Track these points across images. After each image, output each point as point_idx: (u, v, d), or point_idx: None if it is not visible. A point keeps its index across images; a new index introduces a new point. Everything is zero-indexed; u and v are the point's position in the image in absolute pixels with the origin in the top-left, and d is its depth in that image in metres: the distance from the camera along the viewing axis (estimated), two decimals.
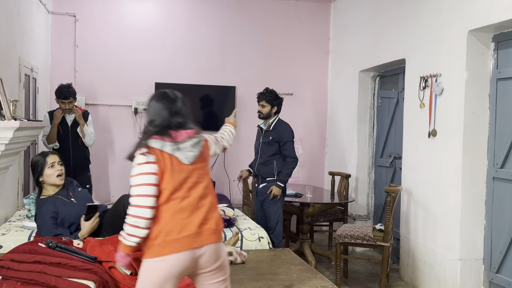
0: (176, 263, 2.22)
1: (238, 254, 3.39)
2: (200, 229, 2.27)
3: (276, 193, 4.68)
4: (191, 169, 2.31)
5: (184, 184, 2.29)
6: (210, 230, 2.30)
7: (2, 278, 2.67)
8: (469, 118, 4.10)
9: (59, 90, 4.88)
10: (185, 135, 2.33)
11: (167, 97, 2.42)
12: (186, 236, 2.23)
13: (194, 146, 2.33)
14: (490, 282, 4.08)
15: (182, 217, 2.26)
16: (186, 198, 2.28)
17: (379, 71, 6.02)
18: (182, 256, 2.22)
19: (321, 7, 7.02)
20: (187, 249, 2.23)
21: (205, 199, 2.34)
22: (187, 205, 2.28)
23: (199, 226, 2.27)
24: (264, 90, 4.85)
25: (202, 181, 2.35)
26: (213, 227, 2.32)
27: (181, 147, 2.29)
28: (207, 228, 2.30)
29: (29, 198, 4.19)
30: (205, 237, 2.28)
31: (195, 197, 2.31)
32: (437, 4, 4.49)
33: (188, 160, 2.30)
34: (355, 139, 6.19)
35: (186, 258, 2.23)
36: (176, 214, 2.25)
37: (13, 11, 4.44)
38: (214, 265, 2.32)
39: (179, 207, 2.26)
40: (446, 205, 4.30)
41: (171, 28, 6.59)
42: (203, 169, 2.38)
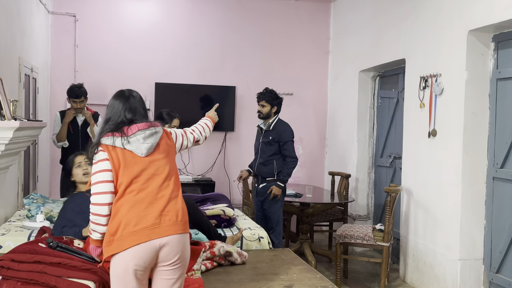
0: (135, 255, 2.22)
1: (238, 254, 3.36)
2: (158, 220, 2.26)
3: (276, 193, 4.68)
4: (147, 161, 2.32)
5: (139, 177, 2.29)
6: (170, 221, 2.28)
7: (2, 278, 2.67)
8: (469, 118, 4.10)
9: (71, 90, 5.00)
10: (136, 128, 2.34)
11: (122, 95, 2.45)
12: (143, 228, 2.23)
13: (146, 138, 2.33)
14: (490, 282, 4.08)
15: (139, 209, 2.26)
16: (142, 190, 2.28)
17: (379, 71, 6.02)
18: (140, 248, 2.21)
19: (321, 7, 7.02)
20: (145, 241, 2.22)
21: (165, 190, 2.33)
22: (144, 197, 2.27)
23: (157, 217, 2.26)
24: (263, 90, 4.85)
25: (161, 173, 2.34)
26: (173, 218, 2.30)
27: (131, 140, 2.31)
28: (167, 219, 2.28)
29: (29, 198, 4.19)
30: (165, 228, 2.26)
31: (153, 188, 2.30)
32: (437, 4, 4.49)
33: (141, 152, 2.31)
34: (355, 139, 6.19)
35: (144, 250, 2.22)
36: (132, 207, 2.26)
37: (13, 11, 4.44)
38: (175, 257, 2.29)
39: (136, 200, 2.27)
40: (446, 205, 4.30)
41: (171, 28, 6.59)
42: (162, 160, 2.37)
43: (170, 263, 2.30)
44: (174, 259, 2.30)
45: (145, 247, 2.23)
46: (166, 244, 2.26)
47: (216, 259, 3.29)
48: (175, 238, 2.28)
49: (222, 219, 4.01)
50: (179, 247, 2.30)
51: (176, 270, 2.33)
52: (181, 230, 2.31)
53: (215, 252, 3.27)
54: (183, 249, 2.33)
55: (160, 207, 2.29)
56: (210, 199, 4.78)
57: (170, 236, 2.27)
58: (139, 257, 2.23)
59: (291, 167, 4.75)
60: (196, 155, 6.65)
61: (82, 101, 5.02)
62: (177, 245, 2.29)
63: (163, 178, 2.34)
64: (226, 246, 3.34)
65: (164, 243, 2.25)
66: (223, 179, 6.73)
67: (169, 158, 2.41)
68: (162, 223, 2.27)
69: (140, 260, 2.23)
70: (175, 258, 2.30)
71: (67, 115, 4.99)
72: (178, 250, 2.30)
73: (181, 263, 2.35)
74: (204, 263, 3.21)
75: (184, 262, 2.36)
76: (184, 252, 2.34)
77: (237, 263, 3.34)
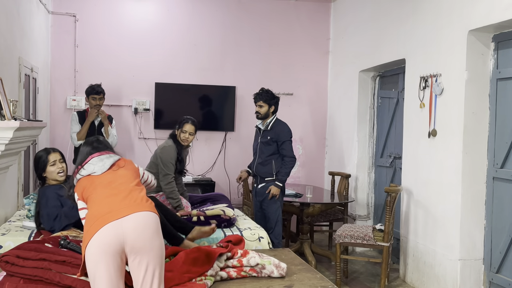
0: (101, 238, 2.36)
1: (275, 267, 3.07)
2: (122, 205, 2.48)
3: (275, 192, 4.68)
4: (106, 174, 2.70)
5: (101, 186, 2.63)
6: (134, 203, 2.50)
7: (6, 275, 2.68)
8: (469, 118, 4.10)
9: (91, 87, 5.26)
10: (90, 157, 2.79)
11: (88, 141, 2.94)
12: (108, 212, 2.44)
13: (102, 160, 2.76)
14: (490, 282, 4.08)
15: (104, 205, 2.50)
16: (107, 191, 2.59)
17: (379, 71, 6.02)
18: (104, 229, 2.37)
19: (321, 7, 7.02)
20: (109, 222, 2.39)
21: (124, 187, 2.62)
22: (108, 195, 2.56)
23: (121, 202, 2.50)
24: (259, 90, 4.87)
25: (124, 181, 2.67)
26: (138, 201, 2.52)
27: (85, 167, 2.74)
28: (129, 202, 2.50)
29: (29, 198, 4.19)
30: (128, 208, 2.46)
31: (115, 187, 2.61)
32: (437, 4, 4.49)
33: (97, 171, 2.71)
34: (355, 139, 6.19)
35: (108, 229, 2.37)
36: (98, 207, 2.51)
37: (13, 11, 4.44)
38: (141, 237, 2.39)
39: (99, 202, 2.54)
40: (446, 205, 4.30)
41: (171, 28, 6.59)
42: (121, 170, 2.75)
43: (136, 246, 2.39)
44: (138, 240, 2.39)
45: (109, 227, 2.38)
46: (130, 220, 2.41)
47: (247, 270, 3.07)
48: (139, 215, 2.44)
49: (222, 219, 4.01)
50: (144, 223, 2.43)
51: (143, 257, 2.40)
52: (145, 208, 2.49)
53: (242, 261, 3.06)
54: (148, 227, 2.44)
55: (123, 196, 2.55)
56: (210, 199, 4.79)
57: (133, 214, 2.43)
58: (105, 239, 2.37)
59: (289, 166, 4.76)
60: (196, 155, 6.65)
61: (101, 98, 5.26)
62: (142, 221, 2.43)
63: (123, 180, 2.67)
64: (259, 258, 3.08)
65: (128, 221, 2.41)
66: (223, 179, 6.73)
67: (129, 170, 2.77)
68: (125, 205, 2.48)
69: (107, 242, 2.37)
70: (139, 239, 2.39)
71: (90, 114, 5.19)
72: (143, 228, 2.41)
73: (144, 248, 2.40)
74: (227, 271, 3.03)
75: (153, 247, 2.43)
76: (151, 232, 2.44)
77: (274, 276, 3.06)
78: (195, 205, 4.66)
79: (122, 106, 6.45)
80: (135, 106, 6.44)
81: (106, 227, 2.37)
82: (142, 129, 6.49)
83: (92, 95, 5.23)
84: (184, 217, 3.97)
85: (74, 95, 6.35)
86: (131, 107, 6.46)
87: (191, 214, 4.01)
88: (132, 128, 6.50)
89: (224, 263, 3.05)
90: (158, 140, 6.38)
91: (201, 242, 3.70)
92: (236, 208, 4.82)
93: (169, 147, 4.39)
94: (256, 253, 3.17)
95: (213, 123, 6.69)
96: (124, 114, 6.47)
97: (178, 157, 4.39)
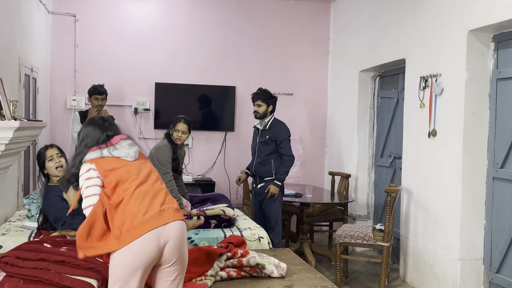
0: (142, 248, 2.27)
1: (274, 267, 3.08)
2: (160, 208, 2.37)
3: (274, 191, 4.69)
4: (137, 163, 2.48)
5: (132, 177, 2.42)
6: (171, 208, 2.41)
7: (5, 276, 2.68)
8: (469, 118, 4.10)
9: (94, 87, 5.35)
10: (119, 138, 2.51)
11: (96, 122, 2.60)
12: (152, 216, 2.33)
13: (131, 146, 2.52)
14: (490, 282, 4.08)
15: (144, 202, 2.36)
16: (141, 186, 2.40)
17: (379, 71, 6.02)
18: (147, 236, 2.27)
19: (321, 7, 7.02)
20: (152, 229, 2.29)
21: (159, 186, 2.48)
22: (144, 191, 2.39)
23: (161, 206, 2.38)
24: (257, 90, 4.90)
25: (151, 173, 2.50)
26: (173, 206, 2.44)
27: (118, 147, 2.47)
28: (166, 207, 2.40)
29: (29, 198, 4.19)
30: (167, 214, 2.37)
31: (149, 184, 2.44)
32: (437, 4, 4.49)
33: (130, 156, 2.47)
34: (355, 139, 6.19)
35: (151, 238, 2.29)
36: (135, 201, 2.35)
37: (13, 11, 4.44)
38: (176, 249, 2.35)
39: (137, 195, 2.36)
40: (446, 205, 4.30)
41: (171, 28, 6.59)
42: (148, 162, 2.57)
43: (172, 257, 2.36)
44: (175, 251, 2.36)
45: (153, 234, 2.29)
46: (170, 228, 2.34)
47: (247, 270, 3.07)
48: (177, 224, 2.39)
49: (222, 219, 4.01)
50: (181, 233, 2.38)
51: (176, 267, 2.39)
52: (180, 218, 2.43)
53: (242, 261, 3.06)
54: (183, 239, 2.41)
55: (161, 199, 2.42)
56: (210, 199, 4.80)
57: (173, 222, 2.36)
58: (147, 247, 2.28)
59: (288, 165, 4.76)
60: (196, 155, 6.65)
61: (104, 99, 5.36)
62: (180, 230, 2.38)
63: (155, 177, 2.51)
64: (259, 258, 3.09)
65: (168, 229, 2.33)
66: (223, 179, 6.73)
67: (150, 165, 2.59)
68: (166, 210, 2.38)
69: (148, 250, 2.29)
70: (176, 250, 2.36)
71: (91, 114, 5.25)
72: (180, 236, 2.37)
73: (179, 258, 2.39)
74: (227, 271, 3.03)
75: (184, 258, 2.42)
76: (185, 243, 2.42)
77: (274, 276, 3.07)
78: (195, 205, 4.66)
79: (122, 106, 6.45)
80: (135, 106, 6.44)
81: (148, 235, 2.26)
82: (142, 129, 6.49)
83: (94, 95, 5.31)
84: (184, 216, 3.97)
85: (74, 95, 6.35)
86: (131, 107, 6.46)
87: (191, 214, 4.01)
88: (132, 128, 6.49)
89: (224, 263, 3.05)
90: (158, 140, 6.37)
91: (201, 242, 3.71)
92: (236, 208, 4.82)
93: (164, 146, 4.42)
94: (256, 253, 3.16)
95: (213, 123, 6.69)
96: (124, 114, 6.47)
97: (173, 156, 4.41)
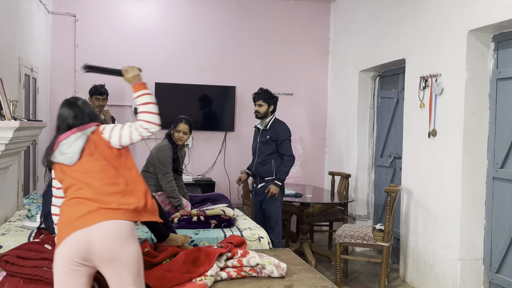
0: (67, 247, 2.24)
1: (274, 267, 3.05)
2: (92, 207, 2.29)
3: (274, 191, 4.69)
4: (77, 167, 2.36)
5: (77, 182, 2.35)
6: (105, 207, 2.28)
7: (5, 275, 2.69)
8: (469, 118, 4.10)
9: (95, 88, 5.37)
10: (64, 136, 2.42)
11: (67, 103, 2.54)
12: (77, 218, 2.26)
13: (70, 146, 2.39)
14: (490, 282, 4.08)
15: (73, 205, 2.32)
16: (80, 190, 2.34)
17: (379, 71, 6.02)
18: (71, 238, 2.24)
19: (321, 7, 7.02)
20: (76, 230, 2.23)
21: (106, 188, 2.34)
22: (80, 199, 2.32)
23: (91, 204, 2.30)
24: (258, 90, 4.90)
25: (96, 173, 2.36)
26: (112, 205, 2.30)
27: (55, 155, 2.41)
28: (100, 207, 2.29)
29: (29, 198, 4.20)
30: (99, 216, 2.26)
31: (90, 191, 2.33)
32: (437, 4, 4.49)
33: (70, 161, 2.37)
34: (355, 139, 6.19)
35: (75, 239, 2.24)
36: (71, 205, 2.33)
37: (13, 11, 4.44)
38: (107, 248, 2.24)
39: (74, 202, 2.33)
40: (446, 205, 4.30)
41: (171, 28, 6.59)
42: (94, 162, 2.38)
43: (103, 256, 2.25)
44: (105, 251, 2.25)
45: (77, 235, 2.24)
46: (98, 229, 2.24)
47: (247, 270, 3.05)
48: (108, 223, 2.26)
49: (222, 219, 4.01)
50: (110, 236, 2.25)
51: (113, 266, 2.27)
52: (113, 217, 2.27)
53: (242, 261, 3.04)
54: (116, 238, 2.26)
55: (97, 200, 2.31)
56: (210, 199, 4.80)
57: (102, 222, 2.25)
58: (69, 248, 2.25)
59: (288, 165, 4.77)
60: (196, 155, 6.65)
61: (105, 99, 5.41)
62: (109, 233, 2.25)
63: (101, 178, 2.36)
64: (259, 258, 3.07)
65: (94, 231, 2.23)
66: (223, 179, 6.73)
67: (103, 156, 2.40)
68: (96, 210, 2.27)
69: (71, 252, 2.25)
70: (106, 250, 2.25)
71: None
72: (109, 240, 2.24)
73: (113, 257, 2.27)
74: (227, 271, 3.01)
75: (117, 258, 2.27)
76: (120, 242, 2.26)
77: (274, 276, 3.05)
78: (195, 205, 4.66)
79: (122, 106, 6.45)
80: (135, 106, 6.39)
81: (71, 236, 2.24)
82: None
83: (95, 96, 5.34)
84: (184, 217, 3.97)
85: (74, 95, 6.34)
86: (131, 107, 6.46)
87: (191, 214, 4.01)
88: None
89: (224, 263, 3.04)
90: (159, 140, 6.36)
91: (201, 242, 3.71)
92: (236, 208, 4.82)
93: (164, 146, 4.42)
94: (256, 253, 3.15)
95: (213, 123, 6.69)
96: (124, 114, 6.46)
97: (173, 156, 4.41)
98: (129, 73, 2.61)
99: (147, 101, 2.49)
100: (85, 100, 2.64)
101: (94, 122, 2.52)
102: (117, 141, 2.44)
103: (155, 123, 2.45)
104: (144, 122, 2.44)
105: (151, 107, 2.48)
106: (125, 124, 2.49)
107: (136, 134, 2.45)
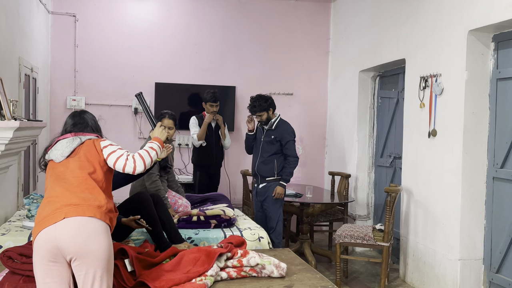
0: (37, 242, 2.37)
1: (274, 267, 3.05)
2: (60, 204, 2.42)
3: (280, 192, 4.69)
4: (64, 163, 2.57)
5: (56, 180, 2.54)
6: (71, 204, 2.41)
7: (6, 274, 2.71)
8: (469, 118, 4.10)
9: (211, 95, 5.62)
10: (61, 138, 2.67)
11: (72, 113, 2.84)
12: (46, 217, 2.39)
13: (64, 146, 2.61)
14: (490, 282, 4.08)
15: (46, 205, 2.46)
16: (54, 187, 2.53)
17: (379, 71, 6.02)
18: (40, 235, 2.36)
19: (321, 7, 7.02)
20: (44, 227, 2.36)
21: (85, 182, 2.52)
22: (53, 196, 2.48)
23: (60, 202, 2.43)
24: (251, 103, 4.77)
25: (73, 176, 2.53)
26: (78, 202, 2.43)
27: (49, 152, 2.64)
28: (67, 202, 2.43)
29: (29, 198, 4.19)
30: (62, 211, 2.39)
31: (66, 185, 2.51)
32: (437, 4, 4.49)
33: (59, 158, 2.58)
34: (355, 139, 6.19)
35: (43, 236, 2.35)
36: (45, 203, 2.48)
37: (13, 11, 4.44)
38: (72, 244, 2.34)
39: (45, 202, 2.49)
40: (446, 205, 4.30)
41: (171, 28, 6.59)
42: (75, 162, 2.57)
43: (69, 251, 2.35)
44: (70, 247, 2.34)
45: (45, 232, 2.35)
46: (61, 228, 2.35)
47: (247, 270, 3.05)
48: (71, 220, 2.37)
49: (222, 219, 4.01)
50: (74, 232, 2.35)
51: (79, 262, 2.37)
52: (78, 214, 2.39)
53: (242, 261, 3.04)
54: (81, 233, 2.36)
55: (65, 198, 2.45)
56: (210, 199, 4.79)
57: (67, 218, 2.36)
58: (38, 244, 2.37)
59: (292, 166, 4.76)
60: None
61: (218, 105, 5.68)
62: (73, 229, 2.36)
63: (77, 176, 2.53)
64: (259, 258, 3.07)
65: (59, 227, 2.35)
66: (223, 179, 6.72)
67: (88, 159, 2.59)
68: (61, 208, 2.40)
69: (41, 251, 2.37)
70: (71, 246, 2.34)
71: (208, 117, 5.65)
72: (73, 236, 2.34)
73: (79, 253, 2.36)
74: (227, 271, 3.02)
75: (82, 254, 2.36)
76: (85, 237, 2.37)
77: (274, 276, 3.05)
78: (195, 205, 4.66)
79: (122, 106, 6.45)
80: (135, 106, 6.44)
81: (40, 235, 2.37)
82: (142, 129, 6.49)
83: (210, 103, 5.62)
84: (184, 217, 3.97)
85: (74, 95, 6.35)
86: (131, 107, 6.46)
87: (191, 214, 4.01)
88: (132, 128, 6.50)
89: (224, 263, 3.04)
90: None
91: (201, 242, 3.71)
92: (236, 208, 4.82)
93: None
94: (256, 253, 3.15)
95: None
96: (124, 114, 6.47)
97: None
98: (158, 132, 2.94)
99: (154, 148, 2.79)
100: (93, 115, 2.87)
101: (95, 133, 2.76)
102: (112, 164, 2.65)
103: (144, 165, 2.67)
104: (138, 156, 2.68)
105: (152, 153, 2.75)
106: (123, 153, 2.66)
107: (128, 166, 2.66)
